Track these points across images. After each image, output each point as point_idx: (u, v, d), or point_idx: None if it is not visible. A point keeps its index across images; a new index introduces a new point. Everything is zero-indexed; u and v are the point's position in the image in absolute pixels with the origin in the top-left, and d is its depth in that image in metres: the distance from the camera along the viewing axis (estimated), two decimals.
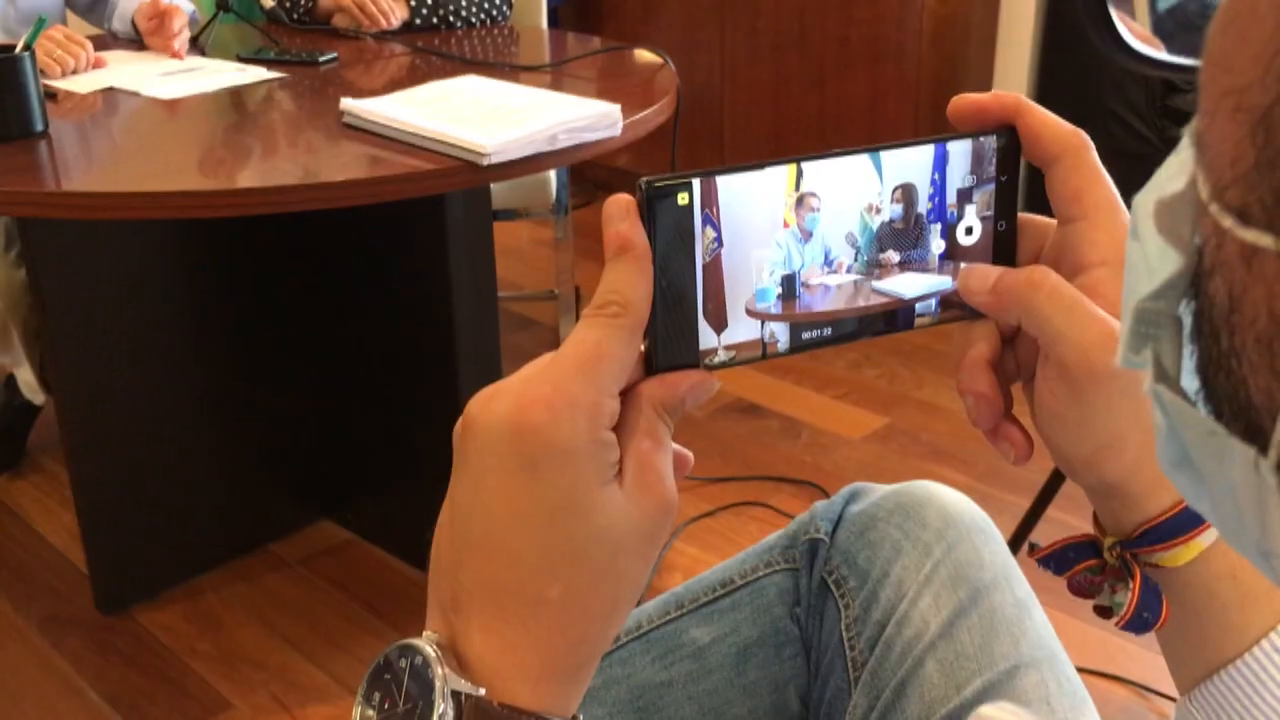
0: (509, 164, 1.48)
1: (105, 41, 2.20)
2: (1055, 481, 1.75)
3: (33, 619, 1.88)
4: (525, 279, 3.23)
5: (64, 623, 1.87)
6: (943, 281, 0.49)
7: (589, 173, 3.83)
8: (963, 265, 0.49)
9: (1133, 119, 2.83)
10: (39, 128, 1.56)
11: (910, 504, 0.76)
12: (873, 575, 0.74)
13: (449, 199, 1.72)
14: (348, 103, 1.61)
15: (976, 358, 0.49)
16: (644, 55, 2.10)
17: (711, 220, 0.45)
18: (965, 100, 0.48)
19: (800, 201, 0.46)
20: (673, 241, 0.44)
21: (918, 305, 0.49)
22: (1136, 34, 0.44)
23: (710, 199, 0.45)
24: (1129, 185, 0.48)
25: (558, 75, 1.97)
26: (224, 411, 1.97)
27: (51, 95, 1.76)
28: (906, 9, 2.94)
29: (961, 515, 0.75)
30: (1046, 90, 3.14)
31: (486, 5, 2.35)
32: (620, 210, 0.44)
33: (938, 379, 2.58)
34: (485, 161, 1.44)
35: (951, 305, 0.49)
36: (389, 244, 1.84)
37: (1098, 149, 0.48)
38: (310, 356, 1.99)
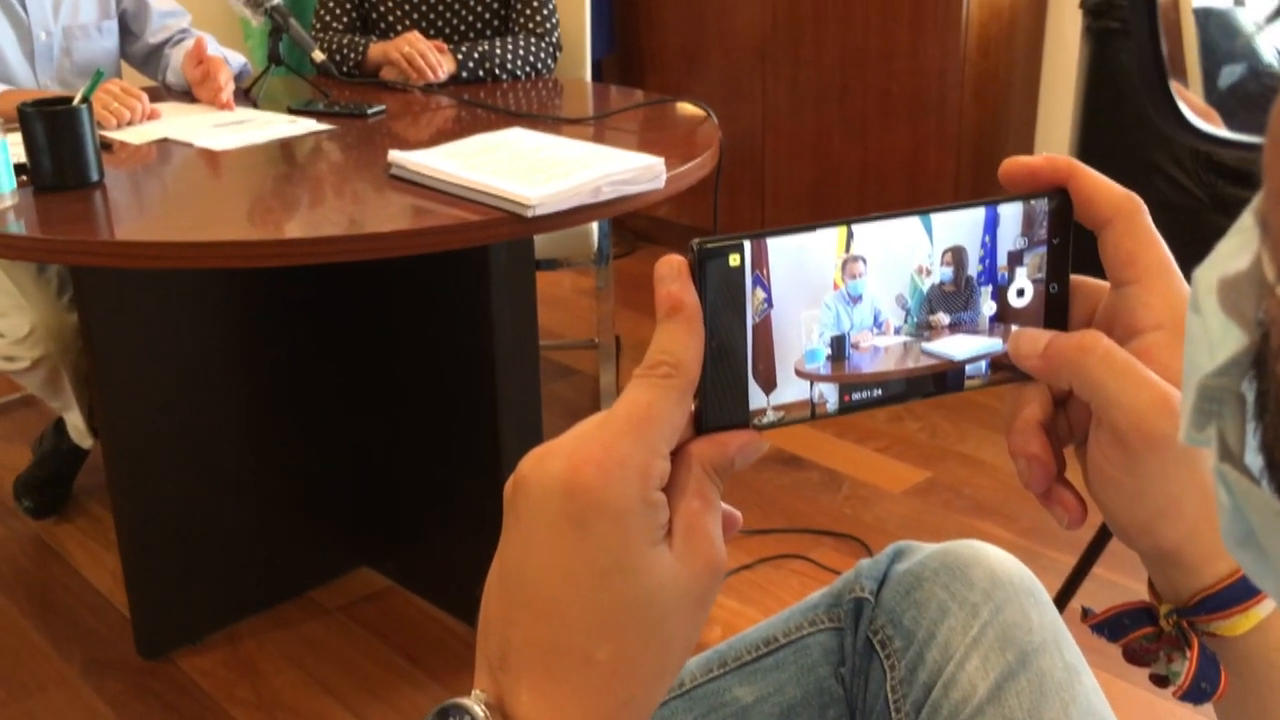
0: (553, 216, 1.50)
1: (159, 93, 2.25)
2: (1102, 539, 1.72)
3: (75, 662, 1.89)
4: (566, 327, 3.25)
5: (105, 666, 1.88)
6: (993, 344, 0.49)
7: (630, 223, 3.85)
8: (1014, 328, 0.49)
9: (1177, 173, 2.82)
10: (94, 178, 1.60)
11: (957, 564, 0.75)
12: (919, 636, 0.73)
13: (493, 249, 1.73)
14: (395, 155, 1.63)
15: (1028, 420, 0.48)
16: (687, 108, 2.12)
17: (762, 281, 0.45)
18: (1016, 163, 0.48)
19: (850, 263, 0.46)
20: (723, 302, 0.45)
21: (968, 367, 0.49)
22: (1193, 106, 0.44)
23: (761, 260, 0.45)
24: (1174, 239, 0.48)
25: (601, 127, 1.99)
26: (267, 459, 1.99)
27: (107, 146, 1.80)
28: (948, 62, 2.95)
29: (1010, 576, 0.74)
30: (1090, 144, 3.13)
31: (531, 59, 2.39)
32: (672, 271, 0.44)
33: (981, 433, 2.55)
34: (530, 213, 1.46)
35: (1002, 367, 0.49)
36: (433, 293, 1.85)
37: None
38: (353, 404, 2.01)
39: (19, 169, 1.57)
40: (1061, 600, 1.73)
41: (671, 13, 3.58)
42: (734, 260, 0.45)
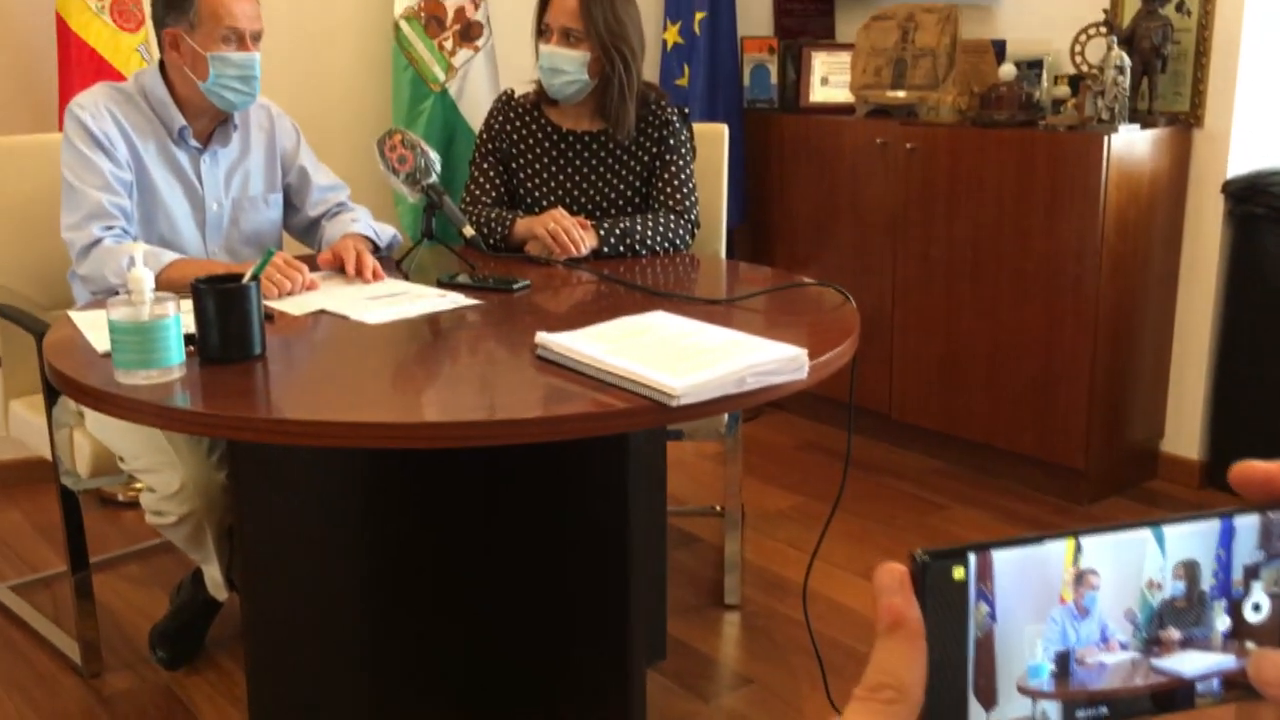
0: (697, 405, 1.50)
1: (316, 262, 2.35)
2: None
3: None
4: (688, 493, 3.23)
5: None
6: (1226, 660, 0.46)
7: None
8: (1250, 645, 0.46)
9: None
10: (256, 352, 1.66)
11: None
12: None
13: (632, 433, 1.74)
14: (542, 337, 1.67)
15: None
16: (824, 289, 2.13)
17: (985, 595, 0.44)
18: (1249, 469, 0.47)
19: (1079, 578, 0.45)
20: (945, 616, 0.43)
21: (1199, 685, 0.46)
22: None
23: (985, 573, 0.44)
24: None
25: (740, 308, 2.01)
26: (395, 629, 1.99)
27: (269, 316, 1.87)
28: (1085, 243, 2.93)
29: None
30: (1232, 328, 3.06)
31: (671, 235, 2.44)
32: (894, 582, 0.43)
33: None
34: (674, 403, 1.47)
35: (1236, 685, 0.46)
36: (568, 469, 1.87)
37: None
38: (484, 577, 2.01)
39: (187, 339, 1.64)
40: None
41: (803, 185, 3.64)
42: (958, 574, 0.44)
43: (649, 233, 2.41)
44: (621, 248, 2.39)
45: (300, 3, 3.30)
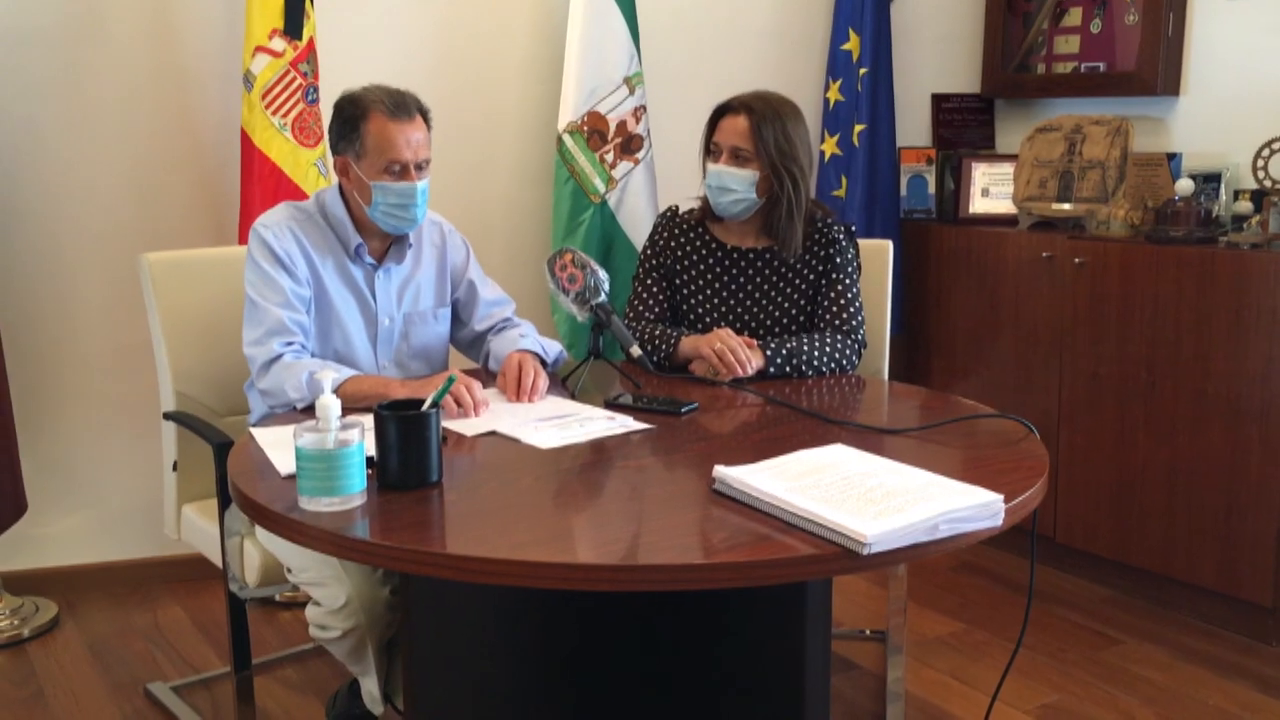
0: (888, 553, 1.44)
1: (482, 376, 2.36)
2: None
3: None
4: (842, 613, 3.11)
5: None
6: None
7: None
8: None
9: None
10: (434, 478, 1.66)
11: None
12: None
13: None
14: (721, 471, 1.63)
15: None
16: (1004, 421, 2.04)
17: None
18: None
19: None
20: None
21: None
22: None
23: None
24: None
25: (914, 437, 1.93)
26: None
27: (443, 438, 1.87)
28: (1273, 367, 2.77)
29: None
30: None
31: (838, 356, 2.39)
32: None
33: None
34: (865, 550, 1.41)
35: None
36: (744, 610, 1.79)
37: None
38: (651, 709, 1.94)
39: (368, 461, 1.64)
40: None
41: (961, 297, 3.55)
42: None
43: (816, 353, 2.36)
44: (788, 368, 2.34)
45: (466, 118, 3.39)
